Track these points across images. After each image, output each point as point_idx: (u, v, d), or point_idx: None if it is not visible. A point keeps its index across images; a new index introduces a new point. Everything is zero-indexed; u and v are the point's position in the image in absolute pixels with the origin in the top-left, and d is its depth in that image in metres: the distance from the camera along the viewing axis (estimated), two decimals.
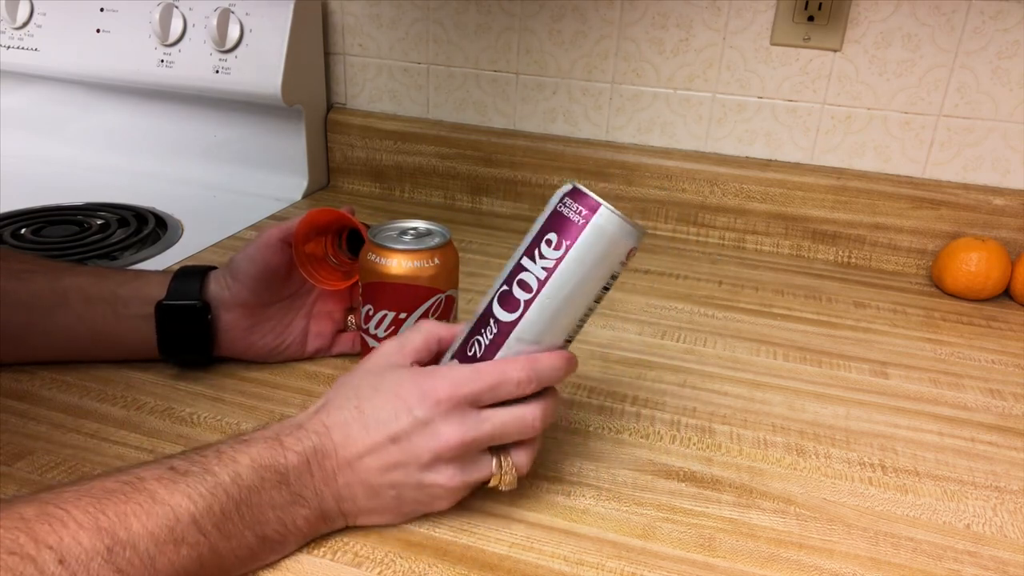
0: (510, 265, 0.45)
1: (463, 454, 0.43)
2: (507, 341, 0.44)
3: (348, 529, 0.44)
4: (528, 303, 0.43)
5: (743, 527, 0.47)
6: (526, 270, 0.44)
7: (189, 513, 0.37)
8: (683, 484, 0.50)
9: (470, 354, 0.45)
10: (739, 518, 0.47)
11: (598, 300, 0.45)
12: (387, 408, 0.42)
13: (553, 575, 0.42)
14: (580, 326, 0.46)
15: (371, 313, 0.52)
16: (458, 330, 0.46)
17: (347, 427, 0.43)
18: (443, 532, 0.45)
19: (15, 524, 0.33)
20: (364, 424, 0.42)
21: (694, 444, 0.54)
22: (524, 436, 0.44)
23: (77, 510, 0.35)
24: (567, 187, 0.44)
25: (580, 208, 0.43)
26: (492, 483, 0.44)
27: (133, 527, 0.35)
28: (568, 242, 0.43)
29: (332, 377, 0.59)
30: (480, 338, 0.45)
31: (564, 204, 0.43)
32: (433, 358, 0.47)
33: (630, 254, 0.44)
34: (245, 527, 0.39)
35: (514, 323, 0.44)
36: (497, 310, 0.44)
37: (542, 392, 0.44)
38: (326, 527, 0.43)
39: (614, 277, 0.44)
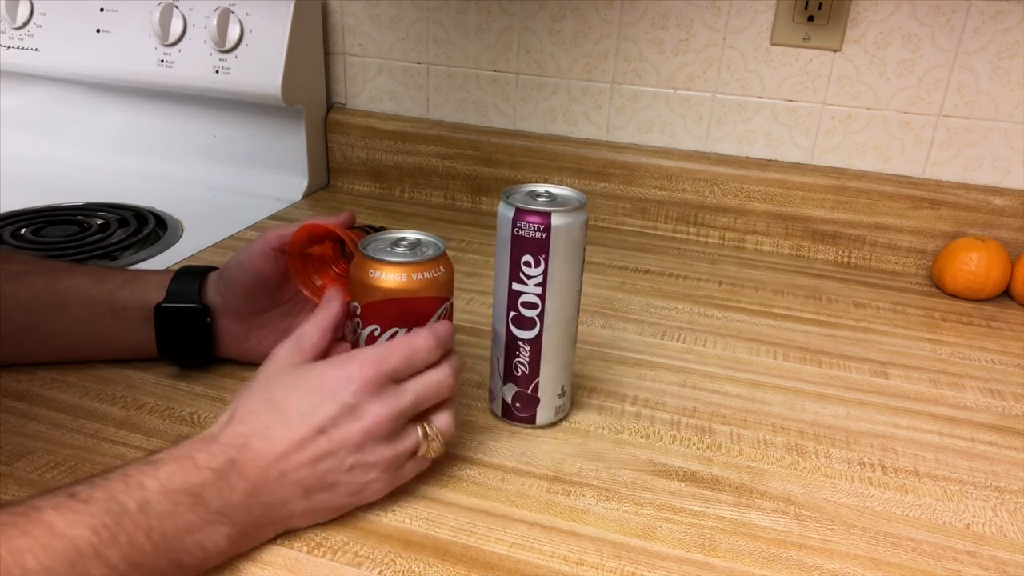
0: (502, 292, 0.52)
1: (391, 429, 0.43)
2: (543, 347, 0.52)
3: (348, 529, 0.44)
4: (541, 315, 0.51)
5: (743, 527, 0.47)
6: (523, 293, 0.51)
7: (92, 546, 0.34)
8: (683, 484, 0.50)
9: (518, 374, 0.53)
10: (739, 518, 0.47)
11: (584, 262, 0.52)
12: (309, 401, 0.42)
13: (553, 575, 0.42)
14: (581, 289, 0.53)
15: (376, 333, 0.49)
16: (334, 310, 0.48)
17: (267, 431, 0.41)
18: (443, 532, 0.45)
19: None
20: (287, 423, 0.42)
21: (694, 444, 0.54)
22: (441, 397, 0.46)
23: None
24: (509, 210, 0.49)
25: (536, 224, 0.49)
26: (421, 452, 0.45)
27: (28, 564, 0.32)
28: (544, 255, 0.49)
29: None
30: (520, 359, 0.52)
31: (520, 228, 0.49)
32: (326, 352, 0.47)
33: (587, 221, 0.51)
34: (158, 555, 0.37)
35: (540, 335, 0.52)
36: (520, 333, 0.52)
37: (446, 358, 0.47)
38: (254, 541, 0.42)
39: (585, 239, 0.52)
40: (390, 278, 0.48)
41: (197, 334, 0.56)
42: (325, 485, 0.42)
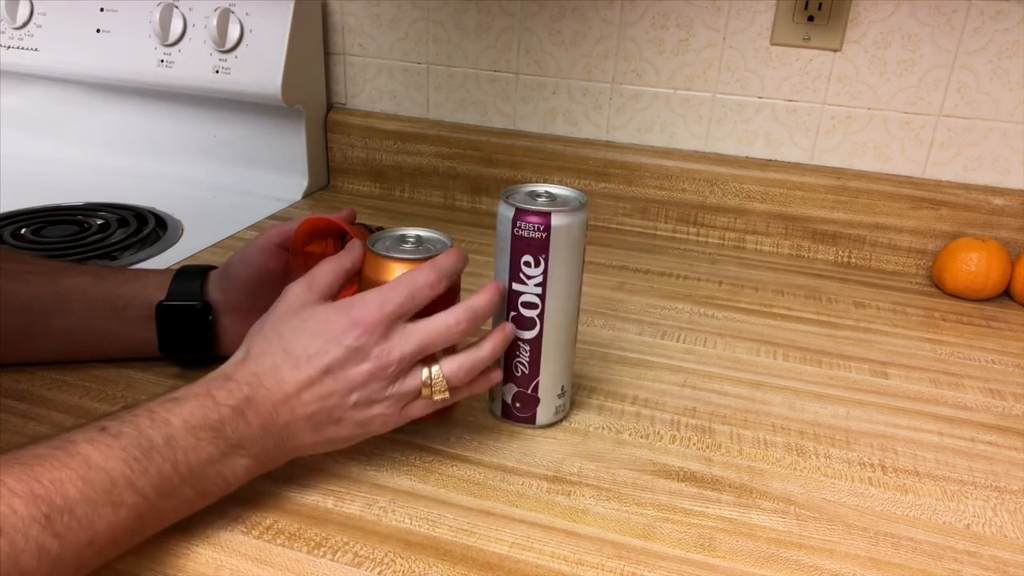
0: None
1: (396, 371, 0.45)
2: (543, 347, 0.52)
3: (348, 529, 0.45)
4: (541, 315, 0.51)
5: (743, 527, 0.47)
6: (523, 293, 0.51)
7: (125, 477, 0.37)
8: (683, 484, 0.50)
9: (518, 374, 0.53)
10: (739, 518, 0.47)
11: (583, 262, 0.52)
12: (316, 343, 0.44)
13: (553, 575, 0.42)
14: (581, 289, 0.53)
15: None
16: (356, 255, 0.49)
17: (278, 371, 0.44)
18: (443, 532, 0.45)
19: None
20: (295, 364, 0.44)
21: (694, 444, 0.54)
22: (451, 341, 0.46)
23: (10, 478, 0.35)
24: (509, 210, 0.49)
25: (536, 224, 0.49)
26: (424, 394, 0.46)
27: (69, 493, 0.35)
28: (544, 255, 0.49)
29: None
30: (519, 359, 0.52)
31: (519, 228, 0.49)
32: (338, 294, 0.49)
33: (587, 221, 0.51)
34: (184, 484, 0.40)
35: (540, 335, 0.51)
36: (520, 333, 0.52)
37: (464, 305, 0.47)
38: (269, 467, 0.45)
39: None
40: None
41: (199, 332, 0.56)
42: (332, 419, 0.45)
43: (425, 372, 0.46)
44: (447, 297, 0.51)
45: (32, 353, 0.57)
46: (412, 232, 0.52)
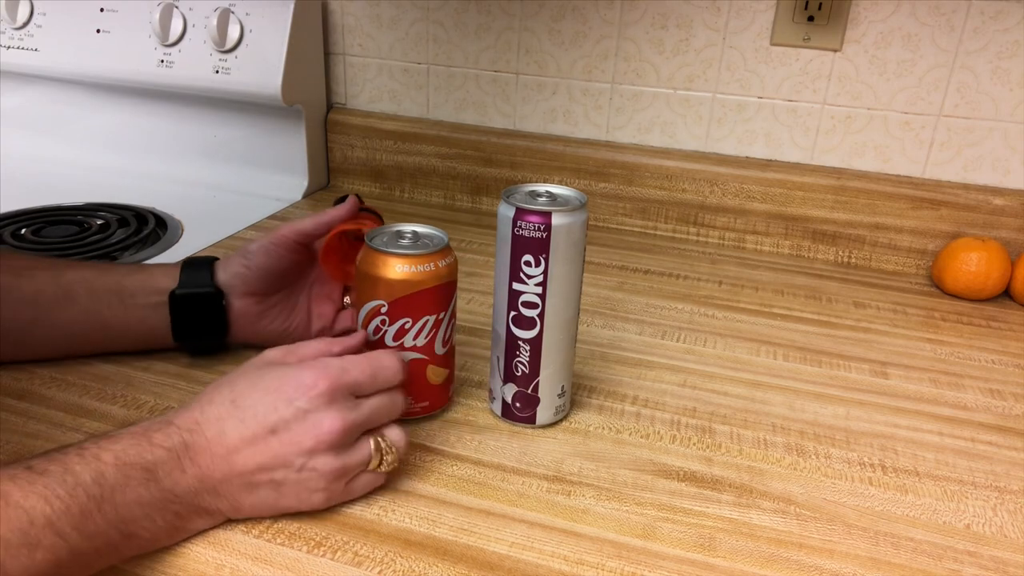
0: (503, 292, 0.52)
1: (342, 441, 0.43)
2: (543, 347, 0.52)
3: (348, 529, 0.45)
4: (541, 315, 0.51)
5: (743, 527, 0.47)
6: (523, 293, 0.51)
7: (44, 515, 0.35)
8: (683, 484, 0.50)
9: (518, 374, 0.53)
10: (739, 518, 0.47)
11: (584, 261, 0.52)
12: (265, 401, 0.43)
13: (553, 575, 0.42)
14: (581, 289, 0.53)
15: (408, 327, 0.50)
16: (350, 346, 0.48)
17: (221, 422, 0.42)
18: (443, 532, 0.45)
19: None
20: (240, 418, 0.42)
21: (694, 444, 0.54)
22: (393, 416, 0.47)
23: None
24: (510, 210, 0.49)
25: (536, 224, 0.49)
26: (372, 465, 0.45)
27: None
28: (544, 255, 0.49)
29: None
30: (520, 359, 0.52)
31: (520, 228, 0.49)
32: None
33: (587, 221, 0.51)
34: (109, 526, 0.38)
35: (540, 334, 0.51)
36: (520, 333, 0.52)
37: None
38: (203, 523, 0.43)
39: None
40: (423, 269, 0.49)
41: (214, 318, 0.57)
42: (272, 484, 0.43)
43: (373, 442, 0.45)
44: (445, 296, 0.51)
45: (38, 348, 0.58)
46: (409, 228, 0.53)
